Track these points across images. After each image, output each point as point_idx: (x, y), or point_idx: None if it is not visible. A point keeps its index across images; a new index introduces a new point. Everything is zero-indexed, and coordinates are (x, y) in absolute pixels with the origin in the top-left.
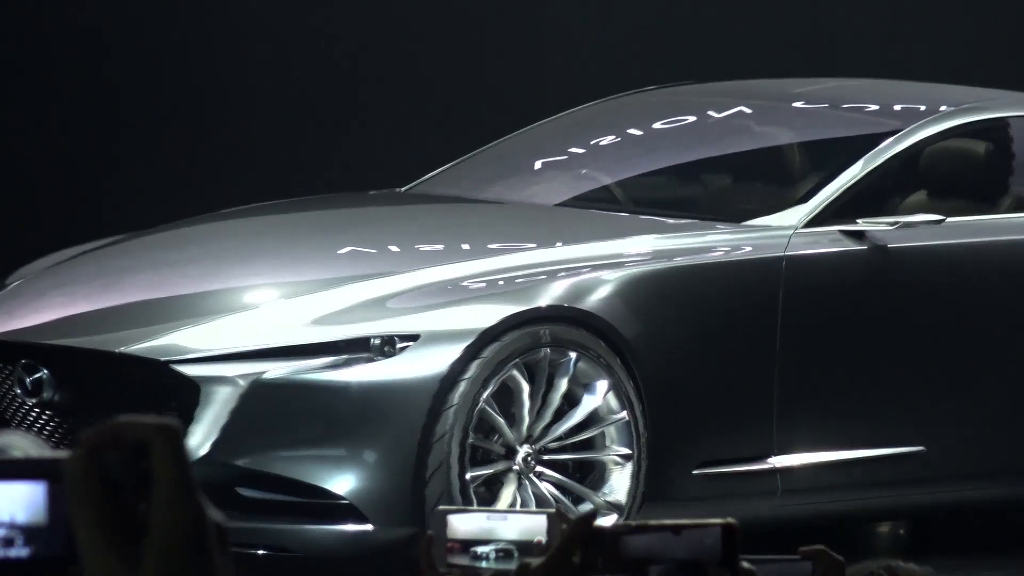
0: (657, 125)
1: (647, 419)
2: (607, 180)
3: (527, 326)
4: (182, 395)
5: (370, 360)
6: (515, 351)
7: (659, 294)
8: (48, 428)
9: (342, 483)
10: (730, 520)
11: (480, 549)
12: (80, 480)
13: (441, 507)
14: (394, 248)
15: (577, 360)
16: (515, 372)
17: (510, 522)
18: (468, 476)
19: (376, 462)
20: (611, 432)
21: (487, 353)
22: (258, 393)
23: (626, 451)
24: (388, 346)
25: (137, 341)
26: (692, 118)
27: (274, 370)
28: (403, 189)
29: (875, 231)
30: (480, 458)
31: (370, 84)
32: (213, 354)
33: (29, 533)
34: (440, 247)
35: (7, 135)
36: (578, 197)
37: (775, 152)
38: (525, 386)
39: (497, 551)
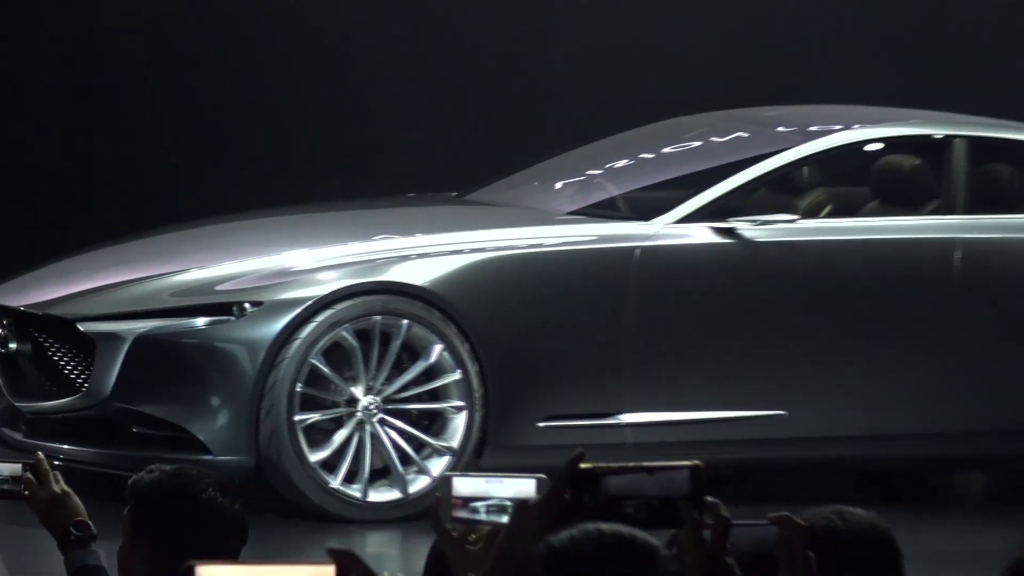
0: (667, 148)
1: (483, 377)
2: (615, 190)
3: (359, 297)
4: (86, 348)
5: (227, 321)
6: (345, 317)
7: (504, 275)
8: (15, 372)
9: (194, 421)
10: (697, 462)
11: (476, 504)
12: None
13: (447, 472)
14: (297, 235)
15: (409, 327)
16: (345, 335)
17: (505, 484)
18: (296, 418)
19: (221, 404)
20: (450, 387)
21: (320, 318)
22: (140, 346)
23: (460, 403)
24: (240, 310)
25: (62, 304)
26: (697, 143)
27: (153, 328)
28: (453, 194)
29: (742, 228)
30: (331, 405)
31: (468, 98)
32: (109, 313)
33: None
34: (328, 235)
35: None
36: (590, 204)
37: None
38: (356, 346)
39: (489, 506)
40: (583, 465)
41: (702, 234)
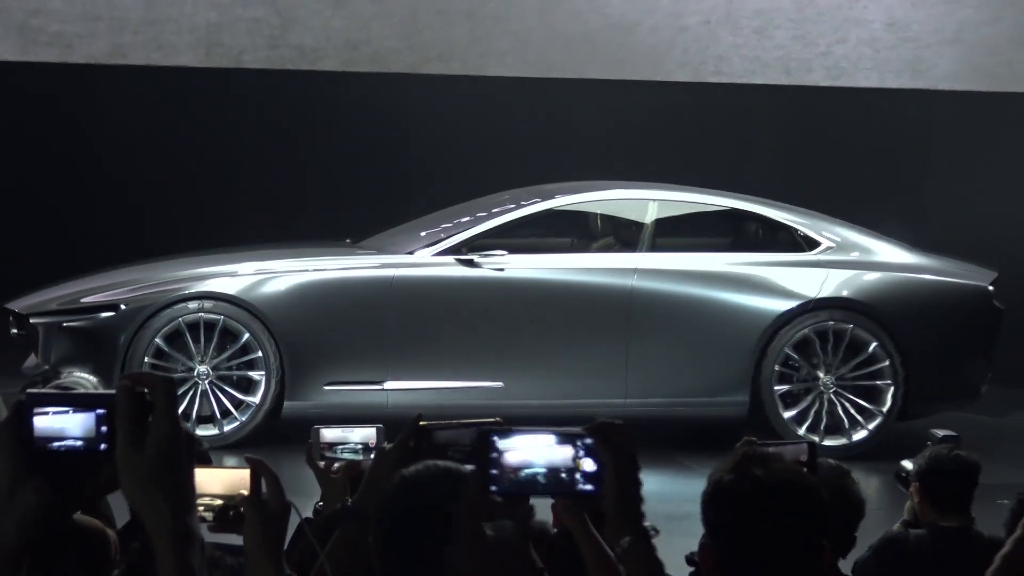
0: (494, 209)
1: (279, 354)
2: (459, 234)
3: (188, 301)
4: (33, 333)
5: (111, 316)
6: (178, 314)
7: (301, 287)
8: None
9: (84, 383)
10: (498, 419)
11: (337, 447)
12: (124, 402)
13: (316, 425)
14: (182, 264)
15: (225, 320)
16: (182, 325)
17: (356, 432)
18: None
19: (99, 370)
20: (257, 361)
21: (162, 314)
22: (60, 333)
23: (262, 372)
24: (119, 309)
25: (30, 306)
26: (511, 204)
27: (68, 320)
28: (348, 240)
29: (477, 259)
30: (177, 372)
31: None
32: (48, 311)
33: (84, 440)
34: (199, 263)
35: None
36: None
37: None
38: (186, 333)
39: (345, 449)
40: (422, 423)
41: (447, 263)
